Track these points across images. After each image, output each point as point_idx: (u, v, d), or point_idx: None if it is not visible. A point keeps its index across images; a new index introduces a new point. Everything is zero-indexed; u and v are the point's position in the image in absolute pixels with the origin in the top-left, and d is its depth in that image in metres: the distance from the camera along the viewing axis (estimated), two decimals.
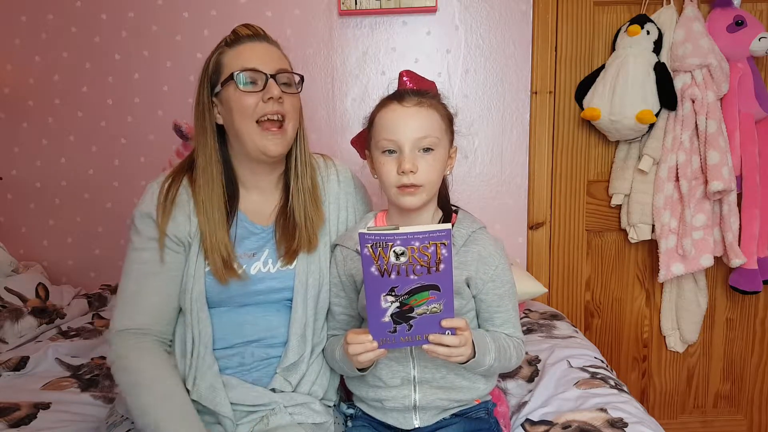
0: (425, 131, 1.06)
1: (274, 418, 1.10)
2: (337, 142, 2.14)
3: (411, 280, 0.91)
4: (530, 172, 2.17)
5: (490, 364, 1.07)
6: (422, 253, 0.89)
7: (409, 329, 0.95)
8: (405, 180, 1.05)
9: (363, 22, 2.11)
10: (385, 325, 0.95)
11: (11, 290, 1.85)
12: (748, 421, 2.32)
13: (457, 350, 0.98)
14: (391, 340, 0.96)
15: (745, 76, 1.97)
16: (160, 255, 1.13)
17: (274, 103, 1.10)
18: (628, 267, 2.23)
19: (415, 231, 0.88)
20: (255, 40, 1.13)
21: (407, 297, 0.93)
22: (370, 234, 0.89)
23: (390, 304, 0.93)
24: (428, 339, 0.97)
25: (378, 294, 0.92)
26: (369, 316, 0.94)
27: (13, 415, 1.30)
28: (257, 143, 1.12)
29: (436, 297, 0.93)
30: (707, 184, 1.93)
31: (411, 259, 0.90)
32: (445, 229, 0.89)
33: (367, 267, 0.91)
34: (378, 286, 0.92)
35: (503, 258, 1.15)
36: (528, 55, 2.12)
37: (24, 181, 2.23)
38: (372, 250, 0.89)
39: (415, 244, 0.89)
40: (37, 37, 2.15)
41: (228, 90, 1.11)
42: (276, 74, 1.12)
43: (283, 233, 1.17)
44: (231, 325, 1.15)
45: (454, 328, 0.97)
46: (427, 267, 0.90)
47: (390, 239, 0.88)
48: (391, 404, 1.12)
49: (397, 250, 0.89)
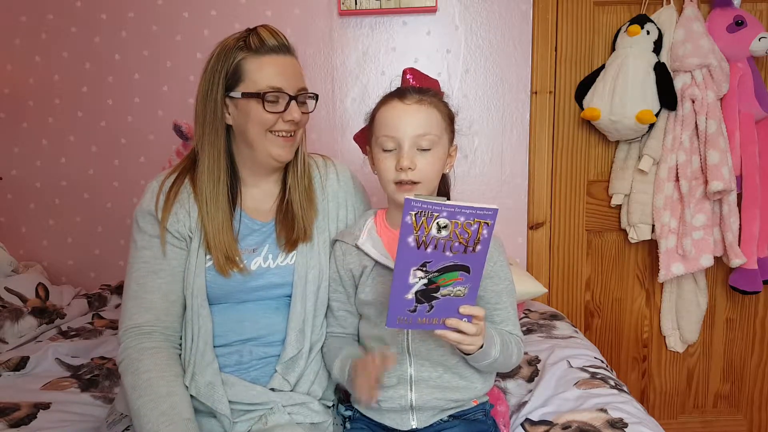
0: (425, 128, 1.07)
1: (272, 418, 1.11)
2: (337, 142, 2.15)
3: (446, 257, 0.89)
4: (530, 172, 2.17)
5: (495, 357, 1.06)
6: (464, 229, 0.87)
7: (429, 310, 0.93)
8: (403, 176, 1.06)
9: (363, 22, 2.11)
10: (406, 302, 0.92)
11: (11, 290, 1.85)
12: (748, 421, 2.32)
13: (470, 338, 0.98)
14: (409, 319, 0.94)
15: (745, 76, 1.97)
16: (163, 251, 1.14)
17: (291, 123, 1.13)
18: (628, 267, 2.23)
19: (463, 205, 0.86)
20: (280, 53, 1.12)
21: (437, 275, 0.91)
22: (417, 201, 0.85)
23: (418, 280, 0.91)
24: (445, 323, 0.95)
25: (408, 267, 0.89)
26: (393, 290, 0.91)
27: (13, 415, 1.30)
28: (270, 151, 1.14)
29: (464, 279, 0.92)
30: (707, 184, 1.93)
31: (452, 234, 0.87)
32: (493, 208, 0.87)
33: (404, 236, 0.87)
34: (411, 258, 0.89)
35: (502, 255, 1.15)
36: (528, 55, 2.12)
37: (24, 181, 2.23)
38: (415, 219, 0.86)
39: (460, 219, 0.87)
40: (37, 37, 2.15)
41: (249, 102, 1.11)
42: (297, 96, 1.13)
43: (283, 225, 1.19)
44: (231, 321, 1.15)
45: (471, 316, 0.96)
46: (465, 245, 0.89)
47: (437, 209, 0.86)
48: (388, 405, 1.12)
49: (441, 222, 0.86)
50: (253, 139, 1.13)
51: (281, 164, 1.19)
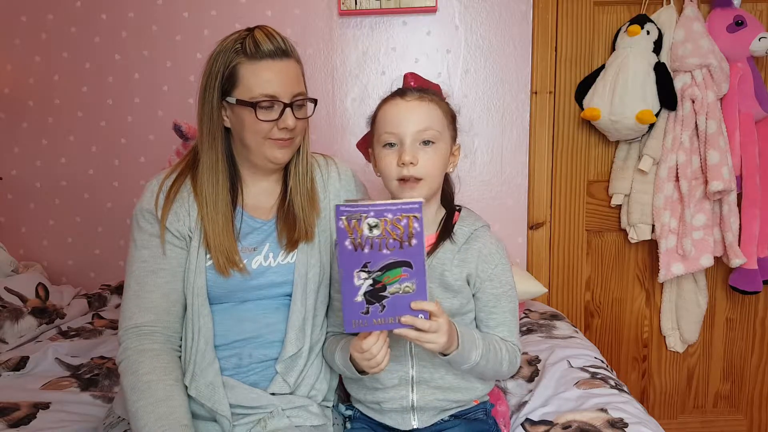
0: (426, 124, 1.06)
1: (271, 421, 1.10)
2: (337, 142, 2.15)
3: (384, 255, 0.92)
4: (530, 172, 2.17)
5: (475, 361, 1.04)
6: (395, 225, 0.91)
7: (382, 310, 0.94)
8: (405, 172, 1.05)
9: (363, 22, 2.11)
10: (358, 305, 0.94)
11: (11, 290, 1.85)
12: (748, 421, 2.32)
13: (428, 335, 0.95)
14: (365, 321, 0.95)
15: (745, 76, 1.97)
16: (162, 250, 1.13)
17: (287, 131, 1.12)
18: (628, 267, 2.23)
19: (388, 203, 0.91)
20: (276, 58, 1.10)
21: (380, 274, 0.93)
22: (345, 206, 0.91)
23: (363, 281, 0.93)
24: (400, 321, 0.95)
25: (351, 270, 0.93)
26: (343, 294, 0.94)
27: (13, 415, 1.30)
28: (266, 154, 1.14)
29: (408, 275, 0.93)
30: (707, 184, 1.93)
31: (384, 231, 0.91)
32: (416, 201, 0.91)
33: (341, 241, 0.92)
34: (352, 261, 0.92)
35: (504, 258, 1.14)
36: (528, 55, 2.12)
37: (24, 181, 2.22)
38: (347, 223, 0.90)
39: (387, 216, 0.91)
40: (37, 37, 2.15)
41: (243, 110, 1.10)
42: (293, 102, 1.12)
43: (284, 225, 1.18)
44: (231, 321, 1.15)
45: (426, 312, 0.95)
46: (400, 241, 0.91)
47: (364, 210, 0.90)
48: (389, 405, 1.12)
49: (370, 221, 0.91)
50: (249, 144, 1.13)
51: (279, 166, 1.18)
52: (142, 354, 1.09)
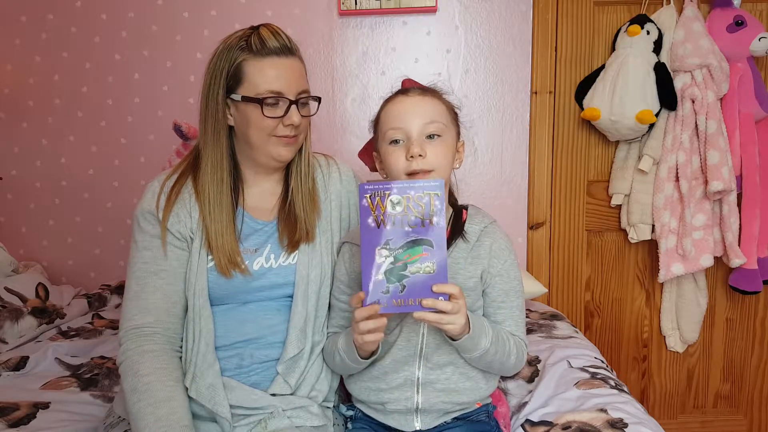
0: (431, 117, 1.07)
1: (272, 422, 1.10)
2: (337, 142, 2.15)
3: (405, 232, 0.95)
4: (530, 172, 2.17)
5: (485, 348, 1.04)
6: (417, 203, 0.94)
7: (402, 291, 0.95)
8: (414, 166, 1.04)
9: (363, 22, 2.11)
10: (378, 284, 0.96)
11: (11, 290, 1.85)
12: (748, 421, 2.32)
13: (449, 317, 0.96)
14: (385, 301, 0.96)
15: (745, 76, 1.97)
16: (163, 251, 1.13)
17: (292, 128, 1.12)
18: (628, 267, 2.23)
19: (410, 181, 0.97)
20: (281, 55, 1.10)
21: (401, 252, 0.95)
22: (368, 184, 0.95)
23: (384, 259, 0.95)
24: (421, 304, 0.95)
25: (373, 247, 0.95)
26: (363, 274, 0.96)
27: (13, 414, 1.30)
28: (271, 152, 1.14)
29: (429, 254, 0.95)
30: (707, 184, 1.93)
31: (406, 208, 0.94)
32: (438, 179, 0.96)
33: (364, 218, 0.95)
34: (374, 238, 0.95)
35: (512, 254, 1.15)
36: (528, 55, 2.12)
37: (24, 181, 2.22)
38: (370, 200, 0.94)
39: (410, 192, 0.95)
40: (37, 37, 2.15)
41: (249, 106, 1.10)
42: (298, 99, 1.12)
43: (285, 225, 1.18)
44: (233, 322, 1.15)
45: (447, 294, 0.96)
46: (422, 219, 0.94)
47: (387, 188, 0.95)
48: (394, 406, 1.12)
49: (393, 198, 0.95)
50: (254, 141, 1.13)
51: (283, 164, 1.18)
52: (143, 355, 1.08)
